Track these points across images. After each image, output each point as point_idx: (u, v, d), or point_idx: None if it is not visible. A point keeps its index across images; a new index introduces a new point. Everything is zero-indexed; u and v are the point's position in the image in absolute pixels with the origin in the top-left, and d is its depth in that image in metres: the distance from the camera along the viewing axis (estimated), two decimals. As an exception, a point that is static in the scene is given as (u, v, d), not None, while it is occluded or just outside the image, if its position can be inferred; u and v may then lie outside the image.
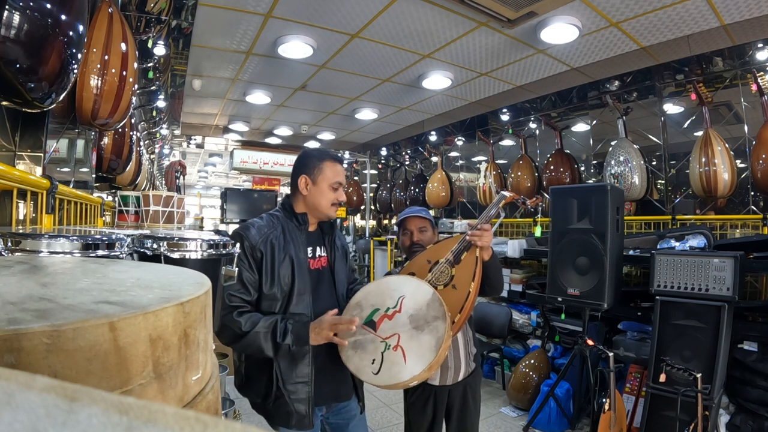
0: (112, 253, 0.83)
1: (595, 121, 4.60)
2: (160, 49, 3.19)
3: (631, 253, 3.31)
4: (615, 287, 2.92)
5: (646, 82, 4.01)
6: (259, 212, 1.60)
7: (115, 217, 2.76)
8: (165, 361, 0.39)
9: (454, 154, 6.67)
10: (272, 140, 7.22)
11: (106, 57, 1.93)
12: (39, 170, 1.76)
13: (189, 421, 0.17)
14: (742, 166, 3.39)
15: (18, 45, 1.11)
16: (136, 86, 2.26)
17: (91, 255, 0.80)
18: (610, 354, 2.61)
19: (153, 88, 3.67)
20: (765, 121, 3.04)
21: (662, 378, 2.32)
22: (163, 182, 8.25)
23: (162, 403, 0.19)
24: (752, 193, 3.38)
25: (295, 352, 1.41)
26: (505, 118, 5.36)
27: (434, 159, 6.41)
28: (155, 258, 0.95)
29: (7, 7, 1.05)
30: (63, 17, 1.24)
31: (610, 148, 3.99)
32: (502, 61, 3.93)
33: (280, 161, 7.57)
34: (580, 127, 4.79)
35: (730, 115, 3.62)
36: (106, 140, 2.85)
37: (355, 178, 8.27)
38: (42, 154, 1.78)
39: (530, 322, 4.12)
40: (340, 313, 1.50)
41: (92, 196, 2.57)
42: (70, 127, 2.22)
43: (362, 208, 8.25)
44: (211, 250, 1.02)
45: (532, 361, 3.59)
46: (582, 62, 3.86)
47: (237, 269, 1.35)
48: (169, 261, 0.95)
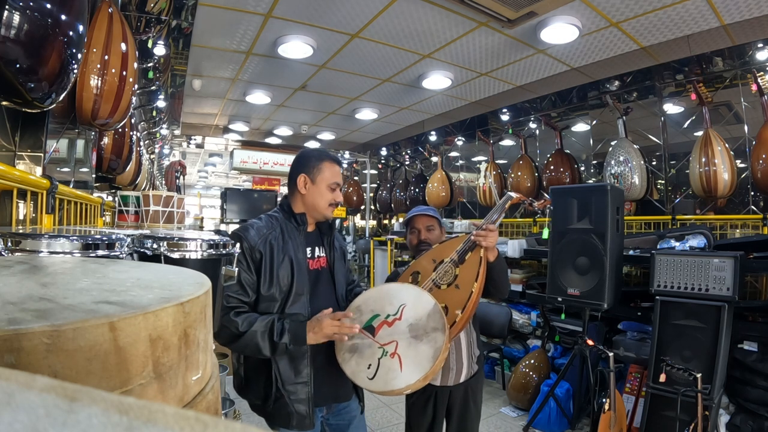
0: (112, 253, 0.83)
1: (595, 121, 4.60)
2: (160, 49, 3.19)
3: (631, 253, 3.31)
4: (615, 287, 2.92)
5: (646, 82, 4.01)
6: (259, 212, 1.60)
7: (115, 217, 2.76)
8: (165, 361, 0.39)
9: (454, 154, 6.67)
10: (272, 140, 7.22)
11: (106, 57, 1.93)
12: (39, 170, 1.76)
13: (189, 421, 0.17)
14: (742, 166, 3.39)
15: (18, 45, 1.11)
16: (136, 86, 2.26)
17: (91, 255, 0.80)
18: (610, 354, 2.61)
19: (153, 88, 3.66)
20: (765, 121, 3.04)
21: (662, 378, 2.32)
22: (163, 182, 8.25)
23: (162, 403, 0.19)
24: (752, 193, 3.38)
25: (293, 353, 1.41)
26: (505, 118, 5.36)
27: (434, 159, 6.41)
28: (155, 258, 0.95)
29: (7, 7, 1.05)
30: (63, 17, 1.24)
31: (610, 148, 3.99)
32: (502, 61, 3.93)
33: (280, 161, 7.57)
34: (580, 127, 4.79)
35: (730, 115, 3.61)
36: (106, 140, 2.85)
37: (355, 178, 8.26)
38: (42, 154, 1.78)
39: (530, 322, 4.11)
40: None
41: (92, 196, 2.57)
42: (70, 127, 2.22)
43: (362, 208, 8.25)
44: (211, 250, 1.02)
45: (532, 361, 3.59)
46: (582, 62, 3.86)
47: (237, 270, 1.35)
48: (169, 261, 0.95)
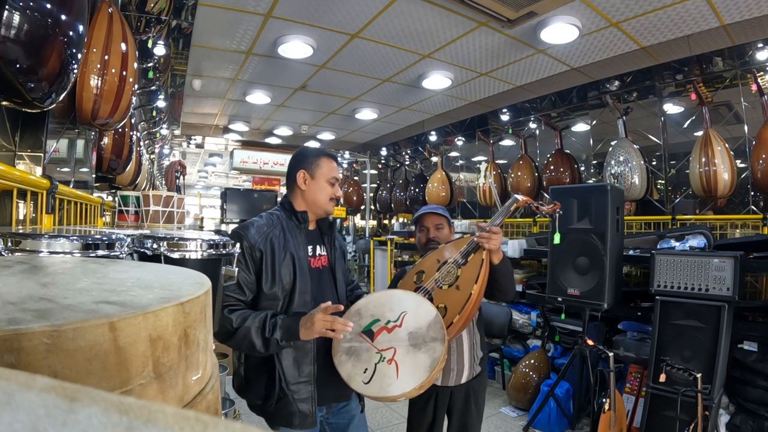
0: (112, 253, 0.83)
1: (595, 121, 4.60)
2: (160, 49, 3.19)
3: (631, 253, 3.31)
4: (615, 287, 2.92)
5: (646, 82, 4.01)
6: (259, 212, 1.60)
7: (115, 217, 2.76)
8: (165, 361, 0.39)
9: (454, 154, 6.67)
10: (272, 140, 7.22)
11: (106, 57, 1.93)
12: (39, 170, 1.76)
13: (189, 421, 0.17)
14: (742, 166, 3.39)
15: (18, 45, 1.11)
16: (136, 86, 2.26)
17: (91, 255, 0.80)
18: (610, 354, 2.61)
19: (153, 88, 3.66)
20: (765, 121, 3.04)
21: (662, 378, 2.32)
22: (163, 182, 8.25)
23: (162, 403, 0.19)
24: (752, 193, 3.38)
25: (297, 352, 1.41)
26: (505, 118, 5.36)
27: (434, 159, 6.41)
28: (155, 258, 0.95)
29: (7, 7, 1.05)
30: (63, 17, 1.24)
31: (610, 148, 3.99)
32: (502, 61, 3.93)
33: (280, 161, 7.57)
34: (580, 127, 4.79)
35: (730, 115, 3.61)
36: (106, 140, 2.85)
37: (355, 178, 8.26)
38: (42, 154, 1.78)
39: (530, 322, 4.11)
40: (340, 315, 1.47)
41: (92, 196, 2.57)
42: (70, 127, 2.22)
43: (362, 208, 8.25)
44: (211, 250, 1.02)
45: (532, 361, 3.59)
46: (582, 62, 3.86)
47: (236, 269, 1.35)
48: (169, 261, 0.95)
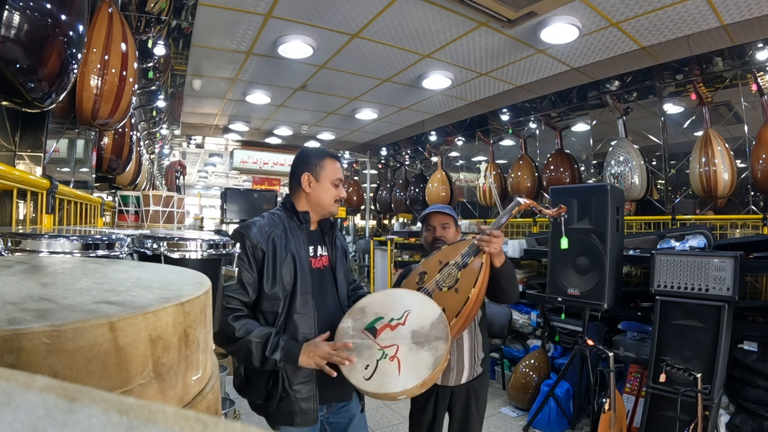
0: (112, 253, 0.83)
1: (595, 121, 4.60)
2: (160, 49, 3.19)
3: (631, 253, 3.31)
4: (615, 287, 2.92)
5: (646, 82, 4.01)
6: (259, 212, 1.60)
7: (115, 217, 2.76)
8: (165, 361, 0.39)
9: (454, 154, 6.67)
10: (272, 140, 7.22)
11: (106, 57, 1.93)
12: (39, 170, 1.76)
13: (189, 421, 0.17)
14: (742, 166, 3.39)
15: (18, 45, 1.11)
16: (136, 86, 2.26)
17: (91, 255, 0.80)
18: (610, 354, 2.61)
19: (153, 88, 3.66)
20: (765, 121, 3.04)
21: (662, 378, 2.32)
22: (163, 182, 8.25)
23: (162, 403, 0.19)
24: (752, 193, 3.38)
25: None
26: (505, 118, 5.36)
27: (434, 159, 6.41)
28: (155, 258, 0.95)
29: (7, 7, 1.05)
30: (63, 17, 1.24)
31: (610, 148, 3.99)
32: (502, 61, 3.93)
33: (280, 161, 7.57)
34: (580, 127, 4.79)
35: (730, 115, 3.61)
36: (106, 140, 2.85)
37: (355, 178, 8.26)
38: (42, 154, 1.78)
39: (530, 322, 4.11)
40: (341, 315, 1.49)
41: (92, 196, 2.57)
42: (70, 127, 2.22)
43: (362, 208, 8.25)
44: (211, 250, 1.02)
45: (532, 361, 3.59)
46: (582, 62, 3.86)
47: (237, 269, 1.35)
48: (169, 261, 0.95)
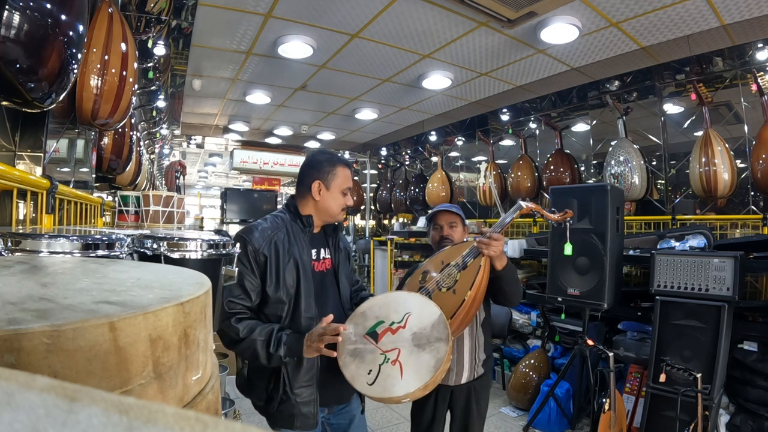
0: (112, 253, 0.83)
1: (595, 121, 4.60)
2: (160, 49, 3.19)
3: (631, 253, 3.31)
4: (615, 287, 2.92)
5: (646, 82, 4.01)
6: (259, 212, 1.60)
7: (115, 217, 2.77)
8: (165, 361, 0.39)
9: (454, 154, 6.67)
10: (272, 140, 7.22)
11: (106, 57, 1.93)
12: (39, 170, 1.76)
13: (189, 421, 0.17)
14: (742, 166, 3.39)
15: (18, 45, 1.11)
16: (136, 86, 2.26)
17: (91, 255, 0.80)
18: (610, 354, 2.61)
19: (153, 88, 3.66)
20: (765, 121, 3.04)
21: (662, 378, 2.32)
22: (163, 182, 8.25)
23: (162, 403, 0.19)
24: (752, 193, 3.38)
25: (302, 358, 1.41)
26: (505, 118, 5.36)
27: (434, 159, 6.41)
28: (155, 258, 0.95)
29: (7, 7, 1.05)
30: (63, 17, 1.24)
31: (610, 148, 3.99)
32: (502, 61, 3.93)
33: (280, 161, 7.57)
34: (580, 127, 4.79)
35: (730, 115, 3.61)
36: (106, 140, 2.85)
37: (355, 178, 8.25)
38: (42, 154, 1.78)
39: (530, 322, 4.11)
40: (344, 318, 1.48)
41: (92, 196, 2.57)
42: (70, 127, 2.22)
43: (362, 208, 8.25)
44: (211, 250, 1.02)
45: (532, 361, 3.59)
46: (582, 62, 3.86)
47: (238, 272, 1.35)
48: (169, 261, 0.96)
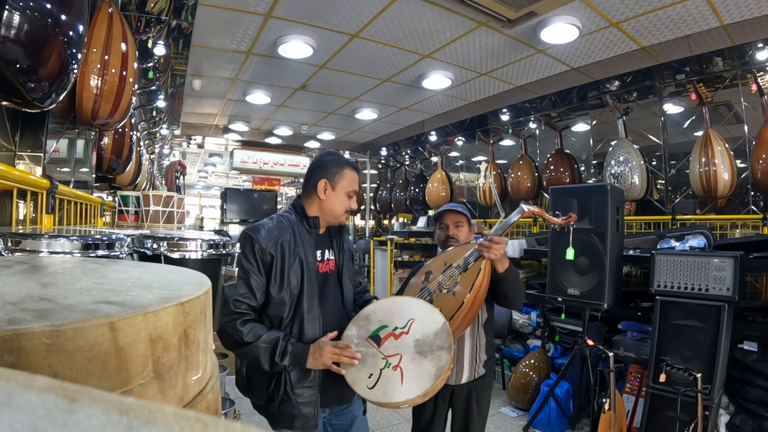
0: (112, 253, 0.83)
1: (595, 121, 4.60)
2: (160, 49, 3.19)
3: (631, 253, 3.31)
4: (615, 287, 2.92)
5: (646, 82, 4.01)
6: (259, 212, 1.60)
7: (115, 217, 2.77)
8: (165, 361, 0.39)
9: (454, 154, 6.67)
10: (272, 140, 7.22)
11: (106, 57, 1.93)
12: (39, 170, 1.76)
13: (189, 421, 0.17)
14: (742, 166, 3.39)
15: (18, 45, 1.11)
16: (136, 86, 2.26)
17: (91, 255, 0.80)
18: (610, 354, 2.61)
19: (153, 88, 3.67)
20: (765, 121, 3.04)
21: (662, 378, 2.32)
22: (163, 182, 8.25)
23: (162, 403, 0.19)
24: (752, 193, 3.38)
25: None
26: (505, 118, 5.36)
27: (434, 159, 6.41)
28: (155, 258, 0.95)
29: (7, 7, 1.05)
30: (63, 17, 1.24)
31: (610, 148, 3.99)
32: (502, 61, 3.93)
33: (280, 161, 7.58)
34: (580, 127, 4.79)
35: (730, 115, 3.61)
36: (106, 140, 2.85)
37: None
38: (42, 154, 1.78)
39: (530, 322, 4.11)
40: (345, 320, 1.49)
41: (92, 196, 2.57)
42: (70, 127, 2.22)
43: (362, 208, 8.26)
44: (211, 250, 1.02)
45: (532, 361, 3.59)
46: (582, 62, 3.86)
47: (241, 271, 1.34)
48: (169, 261, 0.96)
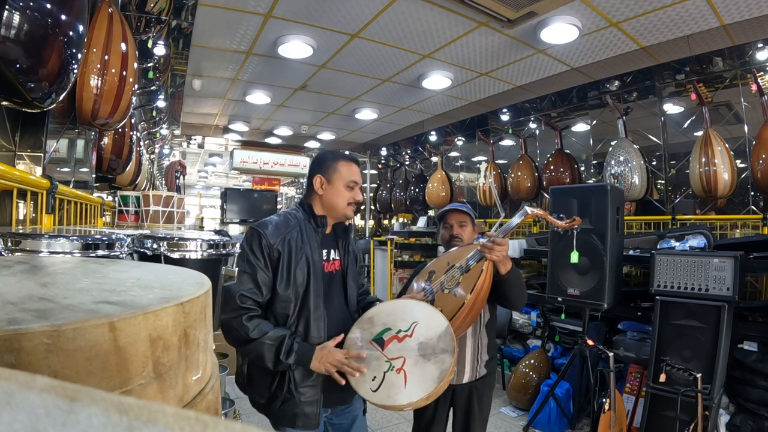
0: (112, 253, 0.83)
1: (595, 121, 4.60)
2: (160, 49, 3.19)
3: (631, 253, 3.31)
4: (615, 287, 2.92)
5: (646, 82, 4.01)
6: (259, 212, 1.60)
7: (115, 217, 2.77)
8: (165, 361, 0.39)
9: (454, 154, 6.67)
10: (272, 140, 7.22)
11: (106, 57, 1.93)
12: (39, 170, 1.76)
13: (189, 421, 0.17)
14: (742, 166, 3.39)
15: (18, 45, 1.11)
16: (136, 86, 2.26)
17: (91, 255, 0.80)
18: (610, 354, 2.61)
19: (153, 88, 3.67)
20: (765, 121, 3.04)
21: (662, 378, 2.32)
22: (163, 182, 8.25)
23: (162, 403, 0.19)
24: (752, 193, 3.38)
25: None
26: (505, 118, 5.36)
27: (434, 159, 6.41)
28: (155, 258, 0.95)
29: (7, 7, 1.05)
30: (63, 17, 1.24)
31: (610, 148, 3.99)
32: (502, 61, 3.93)
33: (280, 161, 7.57)
34: (580, 127, 4.78)
35: (730, 115, 3.61)
36: (106, 140, 2.85)
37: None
38: (42, 154, 1.78)
39: (530, 322, 4.11)
40: (349, 321, 1.49)
41: (92, 196, 2.57)
42: (70, 127, 2.22)
43: (362, 208, 8.26)
44: (211, 250, 1.02)
45: (532, 361, 3.59)
46: (582, 62, 3.86)
47: (248, 266, 1.33)
48: (169, 261, 0.96)
